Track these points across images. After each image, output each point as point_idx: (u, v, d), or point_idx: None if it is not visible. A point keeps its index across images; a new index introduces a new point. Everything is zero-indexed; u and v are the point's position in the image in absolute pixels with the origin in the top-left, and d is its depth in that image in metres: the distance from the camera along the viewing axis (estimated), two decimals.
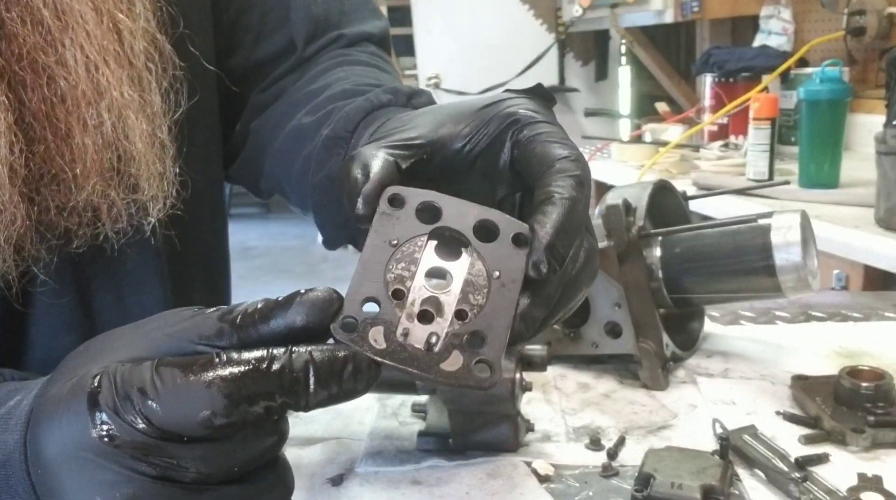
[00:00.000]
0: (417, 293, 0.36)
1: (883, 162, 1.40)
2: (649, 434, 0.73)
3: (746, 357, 0.88)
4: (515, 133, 0.42)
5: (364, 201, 0.39)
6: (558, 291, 0.40)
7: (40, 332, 0.54)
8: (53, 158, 0.48)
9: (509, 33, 3.43)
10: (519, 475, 0.66)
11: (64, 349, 0.54)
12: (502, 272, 0.37)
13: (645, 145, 2.37)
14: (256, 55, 0.71)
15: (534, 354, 0.69)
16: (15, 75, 0.46)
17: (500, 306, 0.36)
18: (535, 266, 0.37)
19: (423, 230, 0.38)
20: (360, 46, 0.73)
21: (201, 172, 0.60)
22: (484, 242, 0.38)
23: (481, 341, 0.35)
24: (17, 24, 0.45)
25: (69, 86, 0.47)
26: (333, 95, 0.62)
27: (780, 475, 0.62)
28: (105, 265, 0.56)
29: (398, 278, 0.36)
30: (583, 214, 0.39)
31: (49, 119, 0.47)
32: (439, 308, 0.36)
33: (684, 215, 0.92)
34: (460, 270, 0.37)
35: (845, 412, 0.71)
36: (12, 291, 0.49)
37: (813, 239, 0.81)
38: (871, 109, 2.10)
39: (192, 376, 0.34)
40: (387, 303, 0.36)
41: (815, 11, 2.36)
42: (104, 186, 0.50)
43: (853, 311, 1.02)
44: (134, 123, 0.50)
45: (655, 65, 3.05)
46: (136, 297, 0.58)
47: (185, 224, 0.57)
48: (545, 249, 0.37)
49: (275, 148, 0.67)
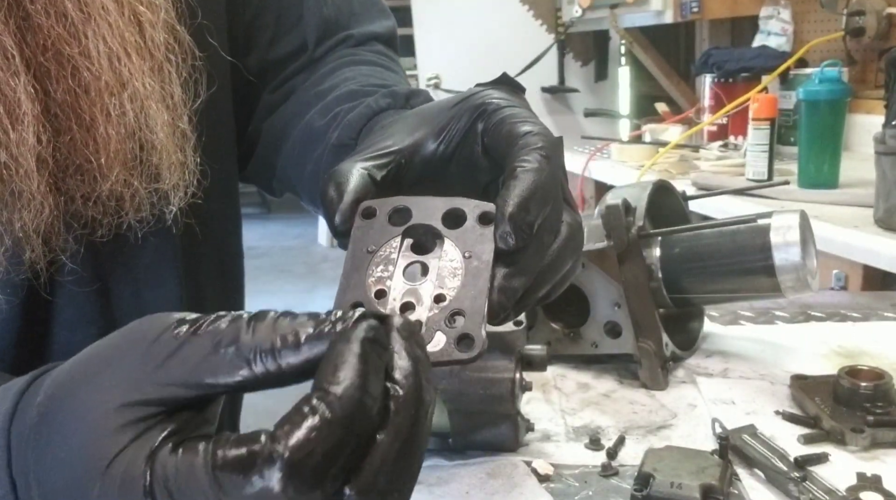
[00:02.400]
0: (398, 290, 0.38)
1: (882, 162, 1.40)
2: (649, 434, 0.73)
3: (746, 357, 0.88)
4: (484, 121, 0.44)
5: (340, 219, 0.41)
6: (537, 261, 0.40)
7: (61, 324, 0.55)
8: (78, 148, 0.48)
9: (509, 34, 3.43)
10: (519, 474, 0.66)
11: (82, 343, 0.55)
12: (473, 252, 0.38)
13: (644, 146, 2.37)
14: (271, 55, 0.72)
15: (534, 354, 0.69)
16: (40, 66, 0.46)
17: (474, 284, 0.37)
18: (501, 238, 0.38)
19: (395, 233, 0.40)
20: (368, 45, 0.74)
21: (219, 161, 0.61)
22: (453, 229, 0.39)
23: (460, 317, 0.36)
24: (42, 16, 0.45)
25: (92, 77, 0.47)
26: (340, 97, 0.63)
27: (779, 475, 0.63)
28: (124, 259, 0.56)
29: (378, 280, 0.38)
30: (549, 183, 0.40)
31: (73, 110, 0.48)
32: (419, 298, 0.37)
33: (684, 216, 0.92)
34: (435, 260, 0.39)
35: (844, 412, 0.71)
36: (40, 280, 0.50)
37: (812, 239, 0.81)
38: (870, 110, 2.10)
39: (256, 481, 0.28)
40: (370, 304, 0.37)
41: (814, 12, 2.36)
42: (127, 175, 0.50)
43: (852, 311, 1.02)
44: (155, 113, 0.50)
45: (655, 65, 3.05)
46: (152, 291, 0.58)
47: (204, 214, 0.58)
48: (509, 219, 0.38)
49: (286, 149, 0.68)
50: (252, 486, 0.28)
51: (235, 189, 0.73)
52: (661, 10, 2.58)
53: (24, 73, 0.44)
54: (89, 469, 0.31)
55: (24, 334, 0.53)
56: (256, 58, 0.71)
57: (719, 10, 2.54)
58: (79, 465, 0.32)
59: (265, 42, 0.71)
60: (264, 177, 0.73)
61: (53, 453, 0.33)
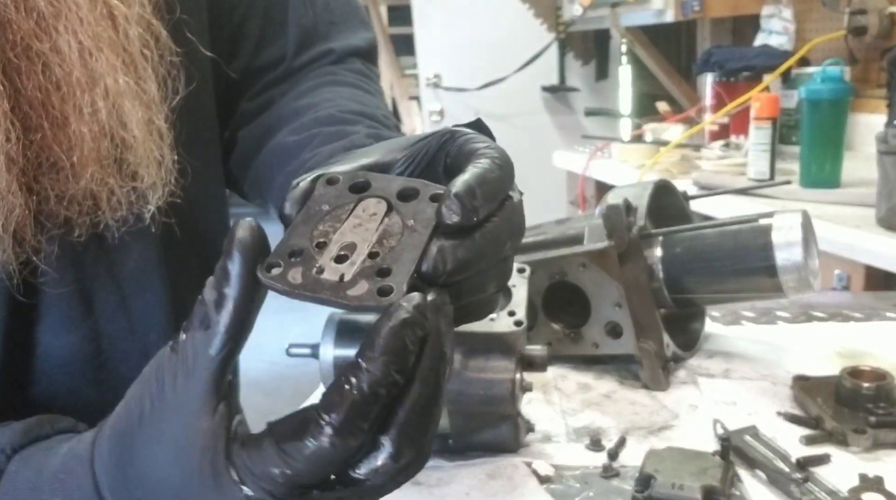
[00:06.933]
0: (337, 244, 0.40)
1: (884, 162, 1.39)
2: (650, 435, 0.72)
3: (747, 358, 0.88)
4: (450, 145, 0.46)
5: (290, 204, 0.43)
6: (481, 242, 0.42)
7: (44, 329, 0.54)
8: (50, 146, 0.48)
9: (509, 33, 3.43)
10: (519, 475, 0.66)
11: (65, 348, 0.54)
12: (416, 221, 0.41)
13: (646, 145, 2.37)
14: (254, 63, 0.72)
15: (534, 354, 0.69)
16: (10, 63, 0.45)
17: (408, 245, 0.40)
18: (447, 209, 0.40)
19: (351, 198, 0.43)
20: (348, 63, 0.75)
21: (201, 160, 0.60)
22: (405, 203, 0.42)
23: (387, 272, 0.39)
24: (12, 11, 0.45)
25: (63, 73, 0.47)
26: (318, 119, 0.64)
27: (781, 476, 0.62)
28: (107, 263, 0.56)
29: (323, 233, 0.41)
30: (495, 183, 0.42)
31: (45, 107, 0.47)
32: (355, 252, 0.40)
33: (685, 215, 0.92)
34: (379, 224, 0.42)
35: (846, 413, 0.70)
36: (13, 281, 0.49)
37: (814, 239, 0.81)
38: (872, 109, 2.10)
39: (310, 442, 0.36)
40: (310, 251, 0.40)
41: (816, 11, 2.36)
42: (102, 174, 0.50)
43: (854, 311, 1.02)
44: (130, 110, 0.50)
45: (656, 64, 3.05)
46: (137, 297, 0.58)
47: (187, 215, 0.58)
48: (454, 195, 0.40)
49: (259, 159, 0.68)
50: (307, 447, 0.35)
51: (222, 190, 0.73)
52: (662, 9, 2.58)
53: None
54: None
55: (7, 338, 0.53)
56: (240, 64, 0.71)
57: (721, 9, 2.53)
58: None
59: (250, 49, 0.72)
60: (236, 183, 0.74)
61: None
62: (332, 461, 0.36)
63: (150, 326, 0.58)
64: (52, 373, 0.54)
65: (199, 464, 0.37)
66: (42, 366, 0.54)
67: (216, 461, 0.37)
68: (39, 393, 0.55)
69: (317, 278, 0.38)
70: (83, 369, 0.55)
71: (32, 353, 0.54)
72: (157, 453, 0.38)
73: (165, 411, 0.38)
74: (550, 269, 0.84)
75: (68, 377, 0.55)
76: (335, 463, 0.36)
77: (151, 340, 0.58)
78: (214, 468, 0.37)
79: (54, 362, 0.54)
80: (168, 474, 0.38)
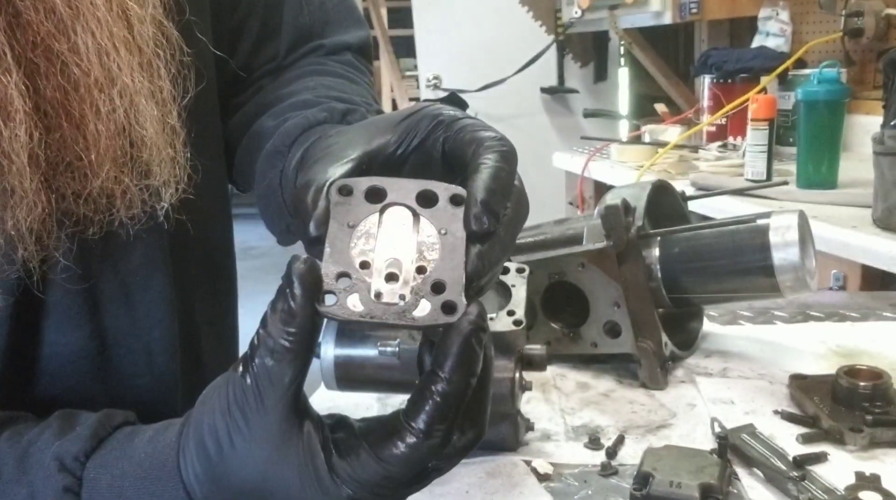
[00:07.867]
0: (381, 261, 0.42)
1: (880, 162, 1.40)
2: (648, 433, 0.73)
3: (745, 357, 0.89)
4: (443, 131, 0.47)
5: (315, 225, 0.44)
6: (505, 237, 0.45)
7: (50, 326, 0.54)
8: (69, 145, 0.48)
9: (509, 34, 3.43)
10: (518, 473, 0.67)
11: (71, 345, 0.55)
12: (448, 229, 0.43)
13: (644, 146, 2.37)
14: (252, 61, 0.73)
15: (533, 353, 0.70)
16: (30, 63, 0.46)
17: (451, 256, 0.42)
18: (476, 219, 0.43)
19: (373, 209, 0.44)
20: (338, 55, 0.75)
21: (207, 157, 0.61)
22: (427, 208, 0.44)
23: (442, 287, 0.41)
24: (31, 13, 0.45)
25: (82, 73, 0.47)
26: (295, 103, 0.65)
27: (778, 474, 0.63)
28: (113, 259, 0.56)
29: (361, 252, 0.42)
30: (508, 180, 0.45)
31: (63, 107, 0.47)
32: (402, 269, 0.41)
33: (683, 216, 0.92)
34: (413, 235, 0.43)
35: (843, 412, 0.71)
36: (33, 278, 0.50)
37: (811, 239, 0.81)
38: (868, 110, 2.10)
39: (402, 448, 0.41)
40: (356, 273, 0.41)
41: (812, 13, 2.36)
42: (118, 172, 0.50)
43: (851, 310, 1.02)
44: (145, 108, 0.50)
45: (654, 66, 3.05)
46: (142, 293, 0.58)
47: (194, 212, 0.58)
48: (481, 204, 0.43)
49: (241, 147, 0.70)
50: (400, 450, 0.41)
51: (225, 187, 0.73)
52: (660, 11, 2.58)
53: (15, 70, 0.44)
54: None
55: (14, 336, 0.53)
56: (237, 63, 0.72)
57: (718, 11, 2.54)
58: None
59: (248, 48, 0.72)
60: (228, 171, 0.75)
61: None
62: (421, 460, 0.41)
63: (154, 322, 0.58)
64: (57, 369, 0.55)
65: (300, 473, 0.41)
66: (47, 362, 0.54)
67: (319, 471, 0.41)
68: (44, 389, 0.55)
69: (377, 304, 0.40)
70: (88, 365, 0.56)
71: (38, 349, 0.54)
72: (252, 475, 0.42)
73: (253, 442, 0.42)
74: (549, 269, 0.85)
75: (73, 373, 0.55)
76: (423, 461, 0.42)
77: (154, 336, 0.58)
78: (319, 477, 0.41)
79: (60, 359, 0.55)
80: (271, 489, 0.43)
